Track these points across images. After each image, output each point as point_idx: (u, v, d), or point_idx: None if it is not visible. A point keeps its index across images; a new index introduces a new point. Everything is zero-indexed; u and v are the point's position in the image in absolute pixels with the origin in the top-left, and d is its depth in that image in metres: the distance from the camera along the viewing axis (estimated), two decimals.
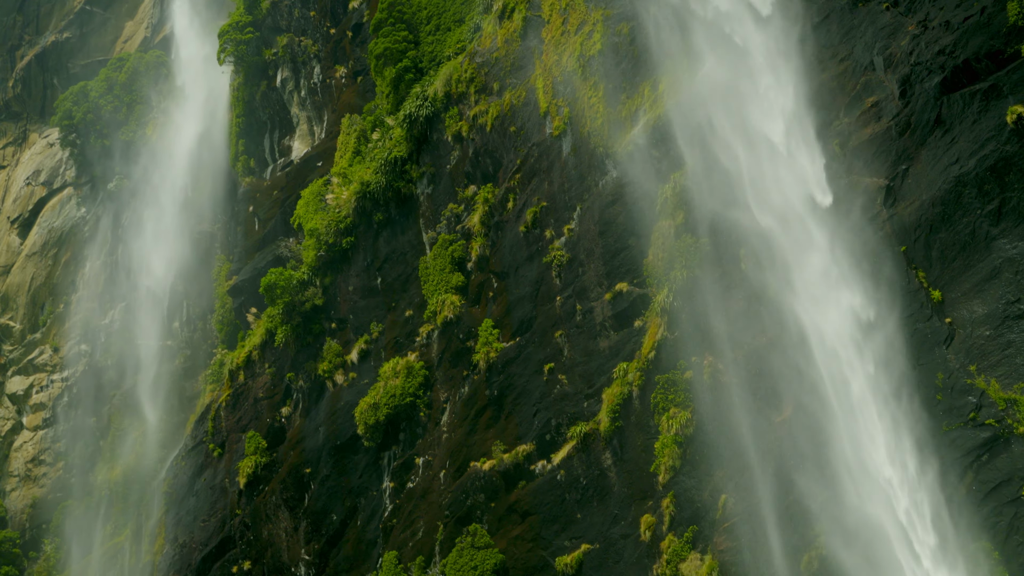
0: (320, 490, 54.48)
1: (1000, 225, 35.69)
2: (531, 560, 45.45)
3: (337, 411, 54.58)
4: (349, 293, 56.28)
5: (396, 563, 49.79)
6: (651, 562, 41.54)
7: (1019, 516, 33.95)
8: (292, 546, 55.07)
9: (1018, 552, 33.79)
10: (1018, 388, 34.57)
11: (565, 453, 45.37)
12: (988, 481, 34.68)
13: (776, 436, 38.76)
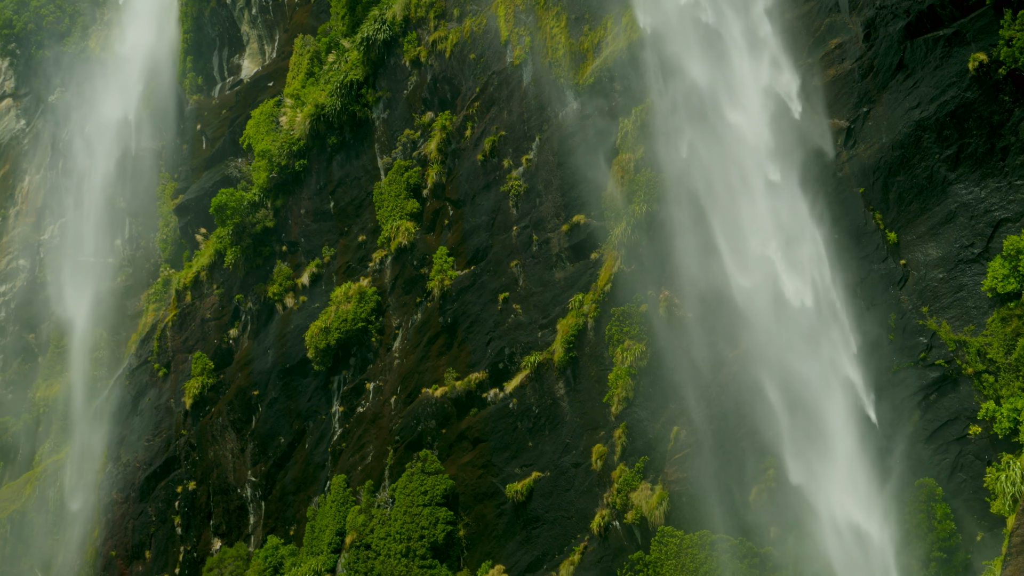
0: (268, 413, 54.44)
1: (957, 171, 36.32)
2: (481, 486, 45.96)
3: (287, 334, 54.40)
4: (301, 216, 55.86)
5: (345, 486, 50.06)
6: (602, 491, 42.21)
7: (964, 454, 34.98)
8: (238, 467, 55.11)
9: (962, 488, 34.88)
10: (968, 330, 35.44)
11: (518, 382, 45.71)
12: (935, 420, 35.65)
13: (731, 371, 39.37)
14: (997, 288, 34.84)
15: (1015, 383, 34.32)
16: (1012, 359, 34.46)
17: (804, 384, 37.87)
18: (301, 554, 51.06)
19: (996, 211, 35.55)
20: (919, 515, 35.03)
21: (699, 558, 38.68)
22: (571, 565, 42.21)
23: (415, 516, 46.72)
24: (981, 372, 35.03)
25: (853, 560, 35.61)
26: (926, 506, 35.01)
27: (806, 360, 37.51)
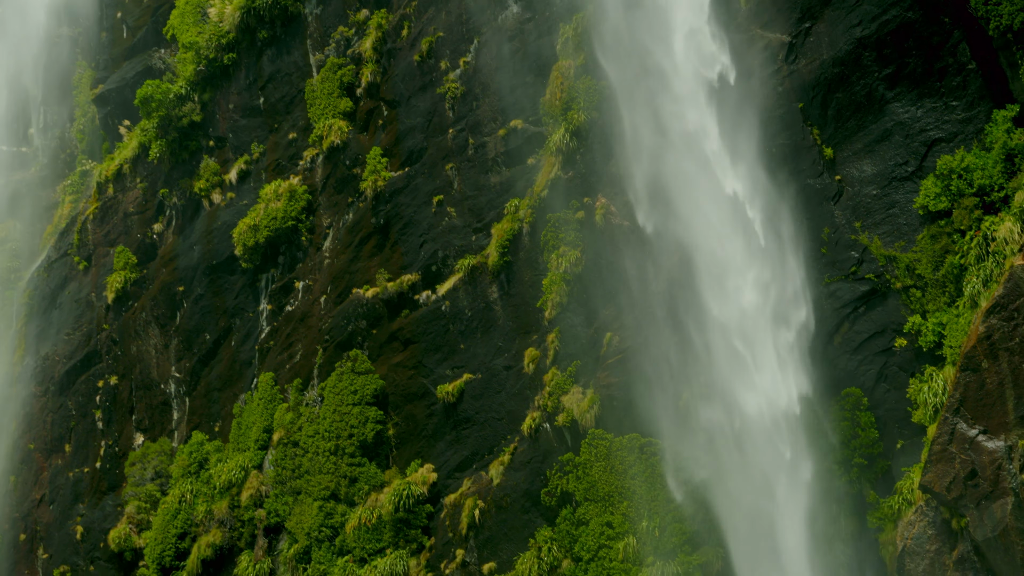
0: (193, 309, 53.90)
1: (895, 89, 36.92)
2: (412, 387, 46.27)
3: (214, 231, 53.66)
4: (229, 111, 54.77)
5: (272, 384, 50.01)
6: (533, 393, 42.81)
7: (889, 366, 36.17)
8: (162, 363, 54.63)
9: (885, 398, 36.13)
10: (898, 246, 36.39)
11: (451, 285, 45.85)
12: (863, 332, 36.73)
13: (665, 278, 39.88)
14: (929, 206, 35.73)
15: (941, 298, 35.43)
16: (939, 275, 35.52)
17: (738, 293, 38.61)
18: (227, 450, 51.08)
19: (931, 131, 36.31)
20: (844, 422, 36.24)
21: (628, 460, 39.59)
22: (501, 465, 42.88)
23: (344, 415, 46.95)
24: (909, 287, 36.08)
25: (779, 459, 36.79)
26: (851, 414, 36.22)
27: (742, 271, 38.19)
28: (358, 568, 44.84)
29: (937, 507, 33.51)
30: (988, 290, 33.50)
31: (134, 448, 54.59)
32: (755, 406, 37.50)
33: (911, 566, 33.50)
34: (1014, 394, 32.27)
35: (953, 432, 33.07)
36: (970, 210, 34.82)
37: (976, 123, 35.56)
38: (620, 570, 38.81)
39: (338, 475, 46.53)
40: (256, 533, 48.10)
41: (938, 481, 33.15)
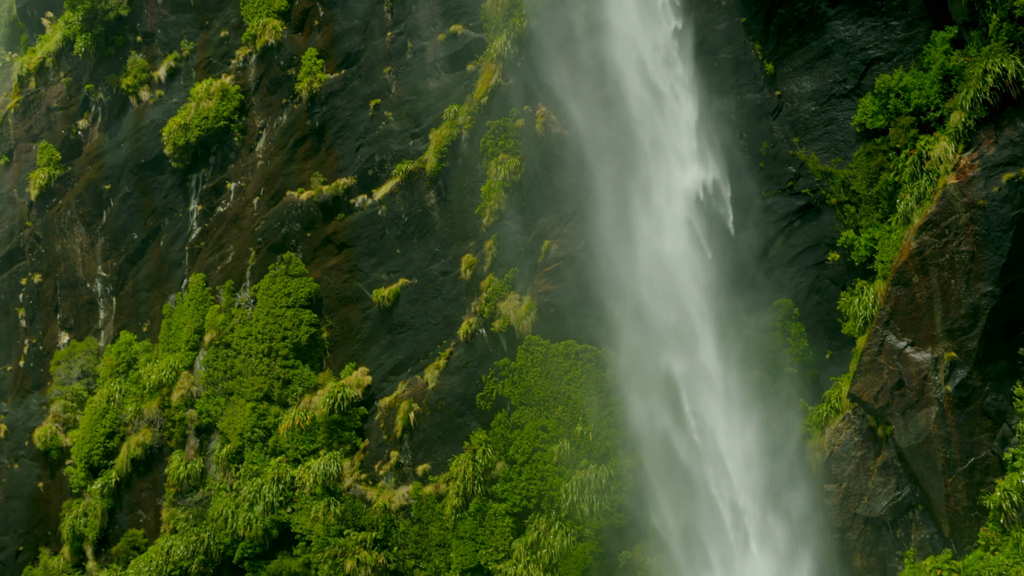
0: (120, 208, 52.84)
1: (837, 7, 37.27)
2: (346, 291, 46.14)
3: (142, 129, 52.43)
4: (158, 6, 53.17)
5: (203, 286, 49.46)
6: (470, 299, 43.02)
7: (821, 279, 37.05)
8: (88, 262, 53.63)
9: (816, 310, 37.08)
10: (835, 162, 37.05)
11: (388, 189, 45.57)
12: (797, 245, 37.51)
13: (603, 188, 40.09)
14: (866, 124, 36.36)
15: (874, 214, 36.25)
16: (873, 192, 36.30)
17: (673, 205, 39.05)
18: (157, 351, 50.57)
19: (870, 49, 36.79)
20: (775, 332, 37.11)
21: (564, 366, 40.13)
22: (436, 369, 43.18)
23: (278, 317, 46.73)
24: (843, 202, 36.84)
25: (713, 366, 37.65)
26: (782, 324, 37.11)
27: (681, 183, 38.57)
28: (291, 468, 45.03)
29: (864, 415, 34.68)
30: (921, 208, 34.37)
31: (59, 347, 53.77)
32: (688, 312, 38.12)
33: (837, 470, 34.73)
34: (942, 308, 33.34)
35: (883, 344, 34.12)
36: (906, 129, 35.52)
37: (915, 43, 36.12)
38: (554, 472, 39.56)
39: (271, 377, 46.44)
40: (187, 433, 47.94)
41: (866, 390, 34.25)
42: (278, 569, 43.89)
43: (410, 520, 42.59)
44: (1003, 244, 32.65)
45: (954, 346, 33.06)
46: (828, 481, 34.68)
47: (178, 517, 46.53)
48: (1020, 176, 32.60)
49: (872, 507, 33.94)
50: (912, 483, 33.65)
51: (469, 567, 40.59)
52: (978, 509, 32.58)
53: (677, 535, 37.00)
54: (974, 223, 33.01)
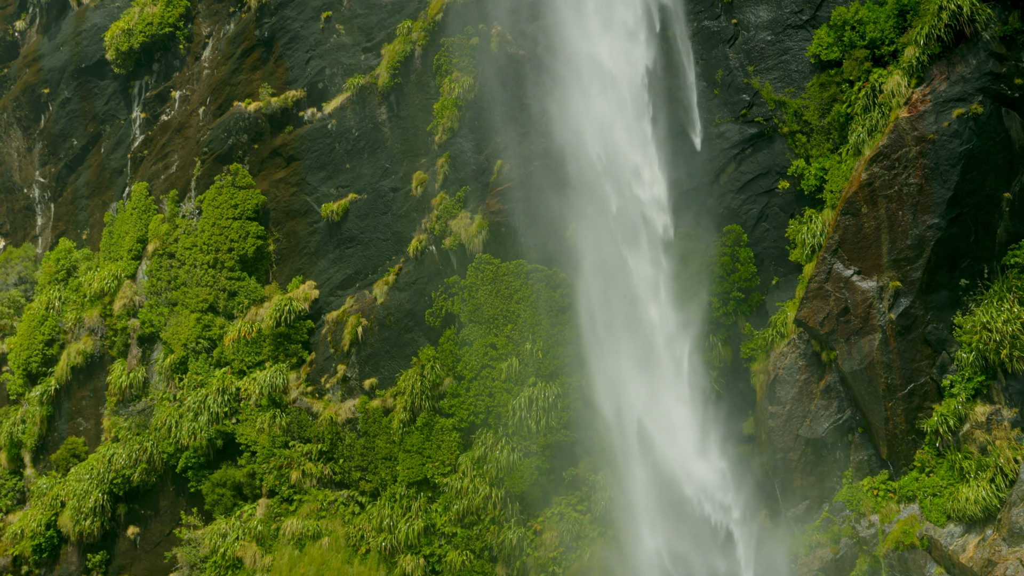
0: (59, 113, 51.41)
1: None
2: (294, 204, 45.60)
3: (83, 32, 50.86)
4: None
5: (147, 194, 48.52)
6: (420, 216, 42.80)
7: (770, 206, 37.44)
8: (25, 167, 52.26)
9: (764, 237, 37.49)
10: (788, 92, 37.28)
11: (338, 103, 44.92)
12: (748, 172, 37.80)
13: (559, 110, 39.89)
14: (820, 55, 36.58)
15: (825, 145, 36.63)
16: (825, 122, 36.64)
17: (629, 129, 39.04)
18: (98, 259, 49.66)
19: None
20: (724, 257, 37.53)
21: (514, 285, 40.25)
22: (385, 285, 43.02)
23: (224, 229, 46.07)
24: (795, 132, 37.15)
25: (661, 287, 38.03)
26: (731, 250, 37.51)
27: (638, 116, 38.51)
28: (237, 379, 44.75)
29: (809, 340, 35.36)
30: (872, 140, 34.80)
31: None
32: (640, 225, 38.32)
33: (781, 393, 35.46)
34: (889, 239, 33.96)
35: (830, 271, 34.72)
36: (860, 62, 35.80)
37: None
38: (502, 389, 39.86)
39: (217, 288, 45.92)
40: (130, 343, 47.32)
41: (812, 316, 34.90)
42: (222, 479, 43.82)
43: (356, 433, 42.69)
44: (950, 178, 33.25)
45: (899, 276, 33.75)
46: (772, 403, 35.40)
47: (120, 426, 46.07)
48: (970, 112, 33.13)
49: (814, 429, 34.78)
50: (853, 407, 34.52)
51: (415, 480, 40.90)
52: (915, 433, 33.57)
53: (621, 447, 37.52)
54: (923, 157, 33.53)
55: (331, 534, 41.90)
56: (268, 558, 42.06)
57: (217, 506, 43.73)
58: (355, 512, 42.14)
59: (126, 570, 45.00)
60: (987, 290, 33.37)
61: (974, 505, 31.56)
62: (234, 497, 43.75)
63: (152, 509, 45.05)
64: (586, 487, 38.40)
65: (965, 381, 32.88)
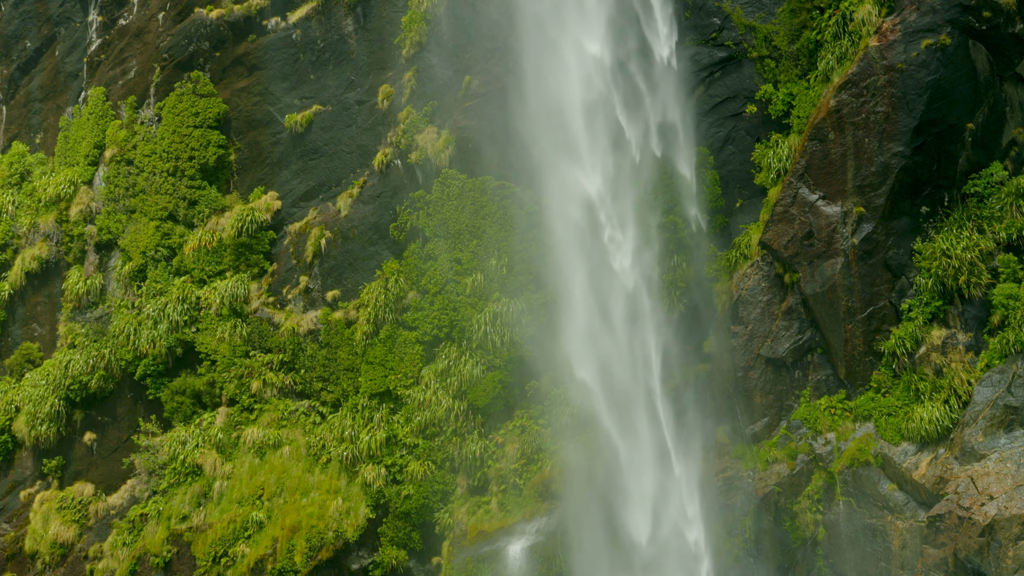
0: (12, 13, 49.67)
1: None
2: (257, 114, 44.71)
3: None
4: None
5: (104, 99, 47.22)
6: (386, 130, 42.23)
7: (737, 129, 37.53)
8: None
9: (730, 159, 37.67)
10: (759, 16, 37.24)
11: (303, 13, 43.91)
12: (716, 95, 37.78)
13: (528, 25, 39.35)
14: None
15: (793, 70, 36.67)
16: (795, 48, 36.65)
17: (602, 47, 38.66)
18: (52, 164, 48.39)
19: None
20: (690, 178, 37.58)
21: (480, 201, 40.02)
22: (349, 197, 42.53)
23: (184, 137, 45.08)
24: (764, 57, 37.12)
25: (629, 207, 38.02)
26: (697, 171, 37.58)
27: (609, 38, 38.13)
28: (197, 288, 44.15)
29: (772, 262, 35.71)
30: (841, 67, 34.92)
31: None
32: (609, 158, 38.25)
33: (743, 313, 35.86)
34: (854, 165, 34.26)
35: (795, 196, 34.98)
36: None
37: None
38: (466, 304, 39.80)
39: (176, 196, 45.05)
40: (86, 249, 46.35)
41: (777, 239, 35.21)
42: (182, 387, 43.41)
43: (318, 344, 42.45)
44: (917, 107, 33.52)
45: (863, 201, 34.12)
46: (734, 323, 35.80)
47: (76, 332, 45.30)
48: (938, 43, 33.32)
49: (775, 349, 35.27)
50: (813, 328, 35.03)
51: (378, 391, 40.86)
52: (873, 354, 34.22)
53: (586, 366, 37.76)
54: (891, 85, 33.73)
55: (292, 443, 41.83)
56: (228, 466, 41.93)
57: (176, 414, 43.36)
58: (316, 422, 42.07)
59: (83, 476, 44.56)
60: (947, 218, 33.90)
61: (928, 425, 32.35)
62: (193, 405, 43.40)
63: (109, 416, 44.53)
64: (548, 401, 38.64)
65: (923, 305, 33.49)
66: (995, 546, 29.38)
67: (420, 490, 39.49)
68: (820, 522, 34.00)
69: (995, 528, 29.45)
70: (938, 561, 30.72)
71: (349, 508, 40.08)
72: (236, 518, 40.63)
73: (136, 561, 41.10)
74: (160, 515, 41.89)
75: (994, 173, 33.71)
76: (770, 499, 34.41)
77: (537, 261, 38.90)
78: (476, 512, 38.67)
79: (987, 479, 30.47)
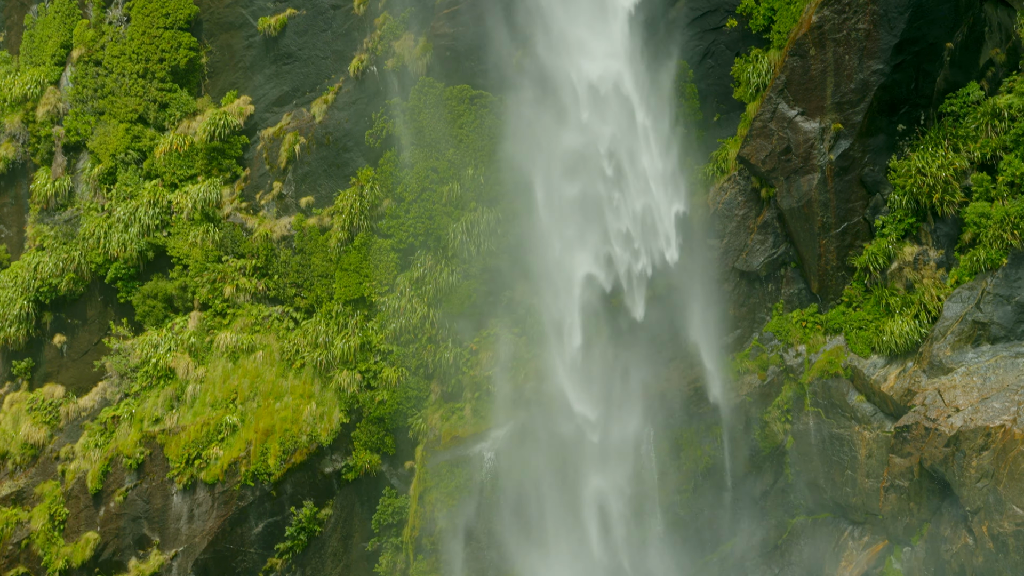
0: None
1: None
2: (229, 16, 43.58)
3: None
4: None
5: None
6: (362, 36, 41.42)
7: (717, 43, 37.25)
8: None
9: (709, 73, 37.45)
10: None
11: None
12: (697, 8, 37.38)
13: None
14: None
15: None
16: None
17: None
18: (18, 63, 46.96)
19: None
20: (672, 91, 37.29)
21: (457, 110, 39.51)
22: (324, 103, 41.79)
23: (154, 38, 43.90)
24: None
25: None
26: (677, 85, 37.28)
27: None
28: (168, 192, 43.39)
29: (749, 177, 35.73)
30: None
31: None
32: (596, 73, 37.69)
33: (719, 226, 35.93)
34: (834, 82, 34.17)
35: (775, 111, 34.89)
36: None
37: None
38: (443, 212, 39.49)
39: (147, 99, 44.00)
40: (54, 151, 45.26)
41: (755, 154, 35.18)
42: (153, 291, 42.88)
43: (292, 250, 42.03)
44: (898, 25, 33.39)
45: (841, 118, 34.11)
46: (711, 236, 35.87)
47: (45, 234, 44.46)
48: None
49: (749, 262, 35.44)
50: (788, 242, 35.20)
51: (352, 298, 40.62)
52: (845, 269, 34.51)
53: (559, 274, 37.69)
54: (874, 3, 33.53)
55: (265, 348, 41.61)
56: (201, 369, 41.65)
57: (148, 317, 42.88)
58: (290, 328, 41.83)
59: (53, 377, 44.11)
60: (923, 136, 34.03)
61: (898, 339, 32.81)
62: (165, 309, 42.93)
63: (79, 318, 43.97)
64: (522, 310, 38.64)
65: (896, 222, 33.74)
66: (959, 456, 30.03)
67: (394, 396, 39.54)
68: (789, 431, 34.55)
69: (960, 439, 30.07)
70: (904, 470, 31.38)
71: (323, 413, 40.09)
72: (209, 421, 40.49)
73: (108, 462, 40.90)
74: (132, 417, 41.62)
75: (971, 93, 33.78)
76: (741, 409, 34.86)
77: (515, 170, 38.50)
78: (450, 418, 38.83)
79: (954, 392, 31.05)
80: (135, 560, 40.01)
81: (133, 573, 39.89)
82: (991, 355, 31.28)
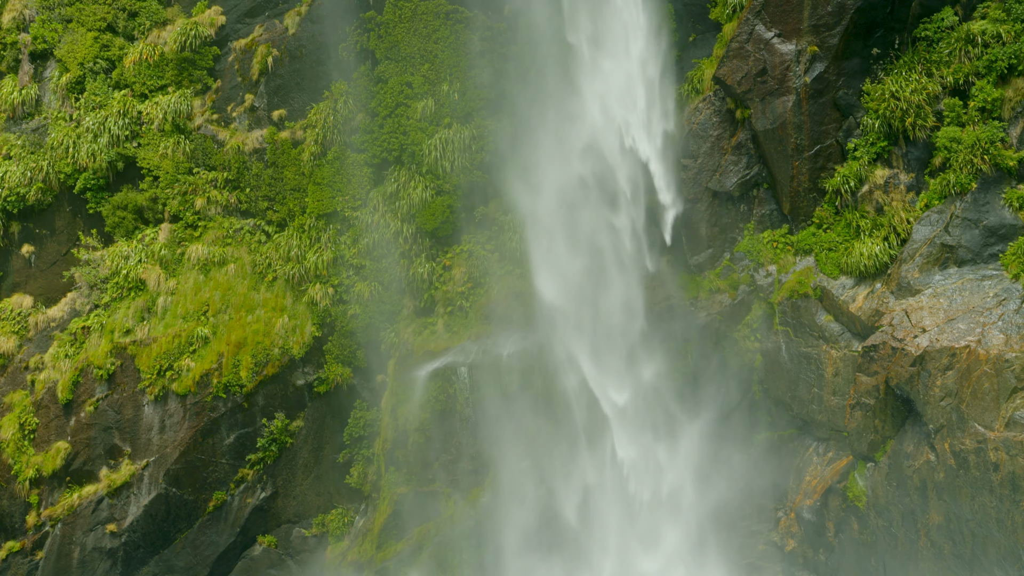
0: None
1: None
2: None
3: None
4: None
5: None
6: None
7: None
8: None
9: None
10: None
11: None
12: None
13: None
14: None
15: None
16: None
17: None
18: None
19: None
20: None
21: (433, 24, 38.86)
22: (297, 15, 40.94)
23: None
24: None
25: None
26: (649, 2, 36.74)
27: None
28: (138, 103, 42.44)
29: (724, 98, 35.50)
30: None
31: None
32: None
33: (694, 147, 35.76)
34: (811, 4, 33.90)
35: (752, 32, 34.57)
36: None
37: None
38: (417, 128, 38.99)
39: (115, 7, 42.82)
40: (20, 58, 43.99)
41: (731, 75, 34.91)
42: (123, 202, 42.11)
43: (264, 164, 41.39)
44: None
45: (817, 41, 33.88)
46: (685, 156, 35.71)
47: (12, 143, 43.38)
48: None
49: (723, 182, 35.37)
50: (761, 163, 35.14)
51: (325, 212, 40.19)
52: (817, 191, 34.55)
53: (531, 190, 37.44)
54: None
55: (237, 261, 41.15)
56: (172, 281, 41.15)
57: (118, 229, 42.16)
58: (262, 241, 41.35)
59: (21, 288, 43.37)
60: (897, 60, 33.91)
61: (867, 260, 33.00)
62: (135, 220, 42.22)
63: (48, 228, 43.13)
64: (496, 226, 38.44)
65: (868, 145, 33.75)
66: (925, 376, 30.41)
67: (367, 310, 39.35)
68: (758, 350, 34.80)
69: (926, 359, 30.43)
70: (870, 388, 31.76)
71: (295, 326, 39.84)
72: (181, 333, 40.11)
73: (79, 372, 40.46)
74: (103, 328, 41.11)
75: (945, 18, 33.61)
76: (711, 327, 35.02)
77: (489, 87, 38.06)
78: (422, 332, 38.74)
79: (921, 313, 31.34)
80: (106, 469, 39.81)
81: (104, 482, 39.70)
82: (958, 277, 31.56)
